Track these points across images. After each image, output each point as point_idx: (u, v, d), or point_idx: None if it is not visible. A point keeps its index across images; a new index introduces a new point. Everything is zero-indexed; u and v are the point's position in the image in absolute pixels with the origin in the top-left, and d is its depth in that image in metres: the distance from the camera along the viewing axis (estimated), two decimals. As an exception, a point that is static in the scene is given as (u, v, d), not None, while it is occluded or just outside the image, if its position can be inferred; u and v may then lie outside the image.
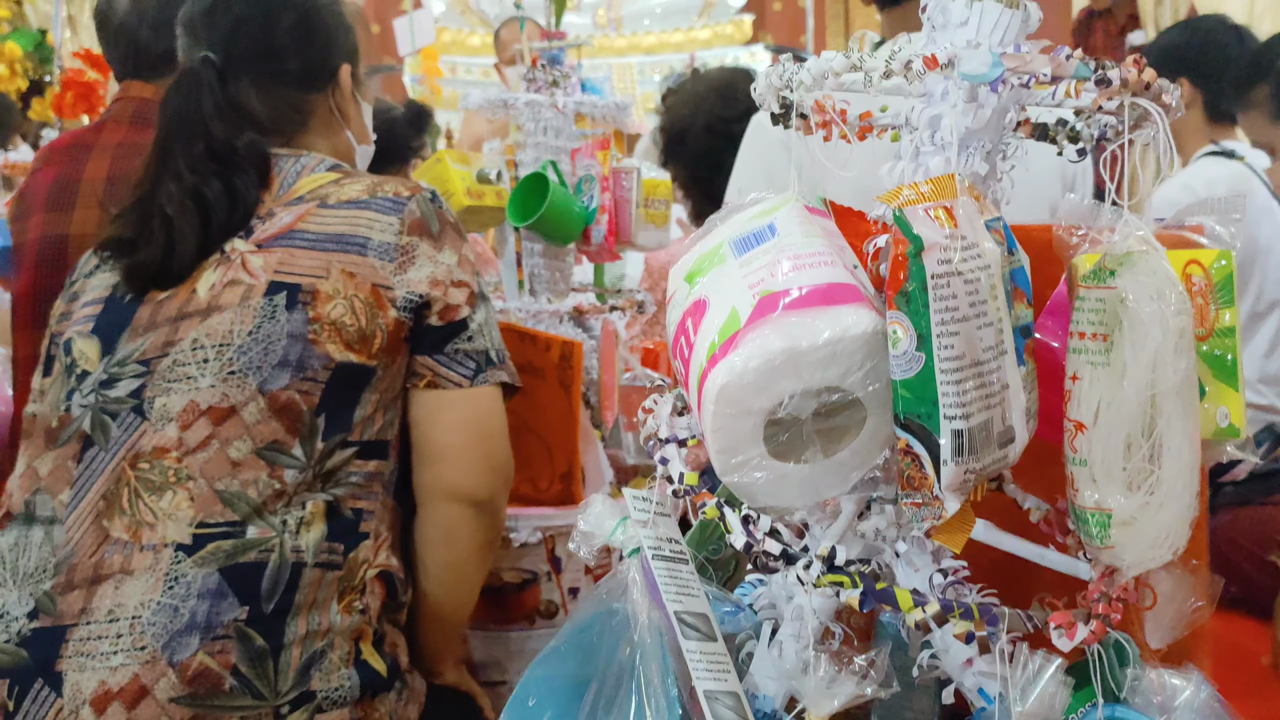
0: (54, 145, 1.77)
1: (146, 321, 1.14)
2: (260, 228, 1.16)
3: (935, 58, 0.55)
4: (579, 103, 1.53)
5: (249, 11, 1.26)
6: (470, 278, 1.20)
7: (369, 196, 1.18)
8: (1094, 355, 0.55)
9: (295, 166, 1.22)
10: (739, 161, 1.61)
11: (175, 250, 1.15)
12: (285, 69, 1.26)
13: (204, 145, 1.18)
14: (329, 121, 1.31)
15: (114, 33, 1.75)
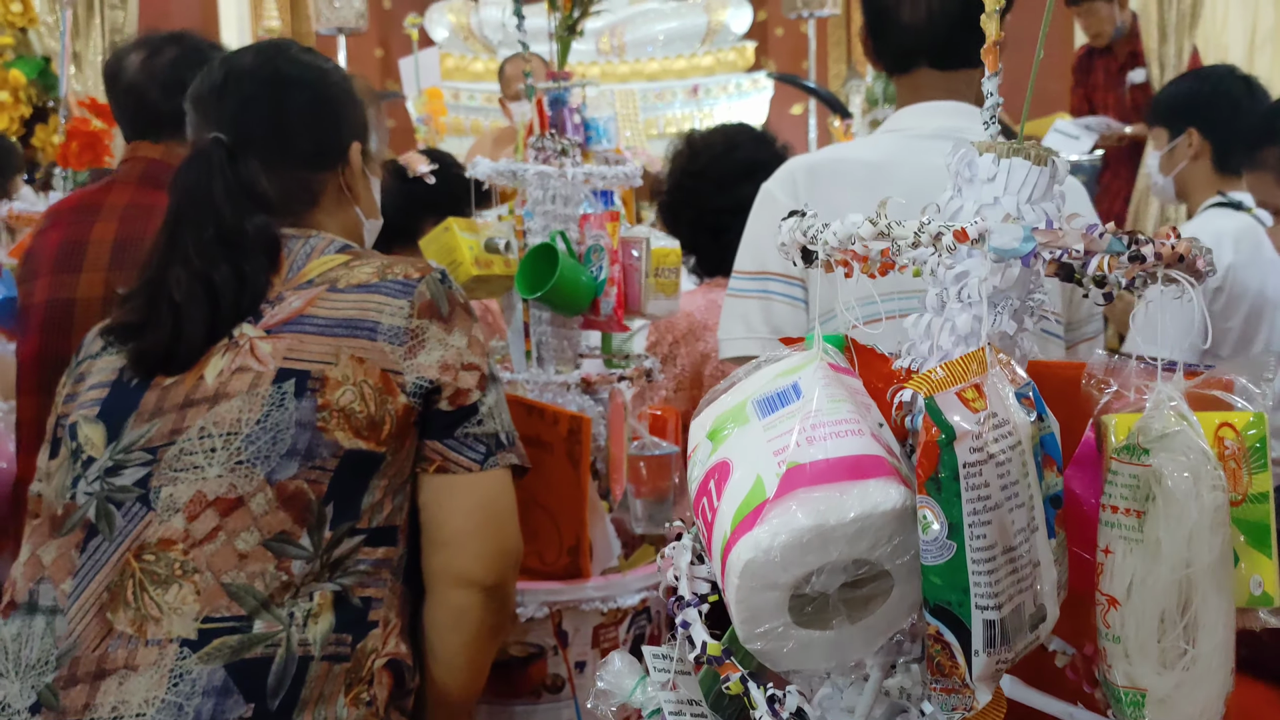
0: (61, 206, 1.77)
1: (153, 407, 1.13)
2: (269, 312, 1.15)
3: (965, 231, 0.54)
4: (588, 173, 1.52)
5: (259, 91, 1.25)
6: (480, 359, 1.19)
7: (379, 280, 1.17)
8: (1127, 530, 0.54)
9: (305, 248, 1.21)
10: (749, 230, 1.60)
11: (183, 336, 1.15)
12: (295, 149, 1.25)
13: (213, 230, 1.17)
14: (339, 199, 1.30)
15: (123, 92, 1.75)
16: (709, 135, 2.30)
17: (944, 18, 1.50)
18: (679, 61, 7.09)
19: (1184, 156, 2.53)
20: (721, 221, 2.21)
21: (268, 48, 1.32)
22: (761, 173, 2.32)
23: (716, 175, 2.20)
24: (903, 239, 0.56)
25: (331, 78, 1.30)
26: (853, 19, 8.31)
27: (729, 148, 2.25)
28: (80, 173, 2.21)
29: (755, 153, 2.27)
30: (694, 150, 2.27)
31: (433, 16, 7.04)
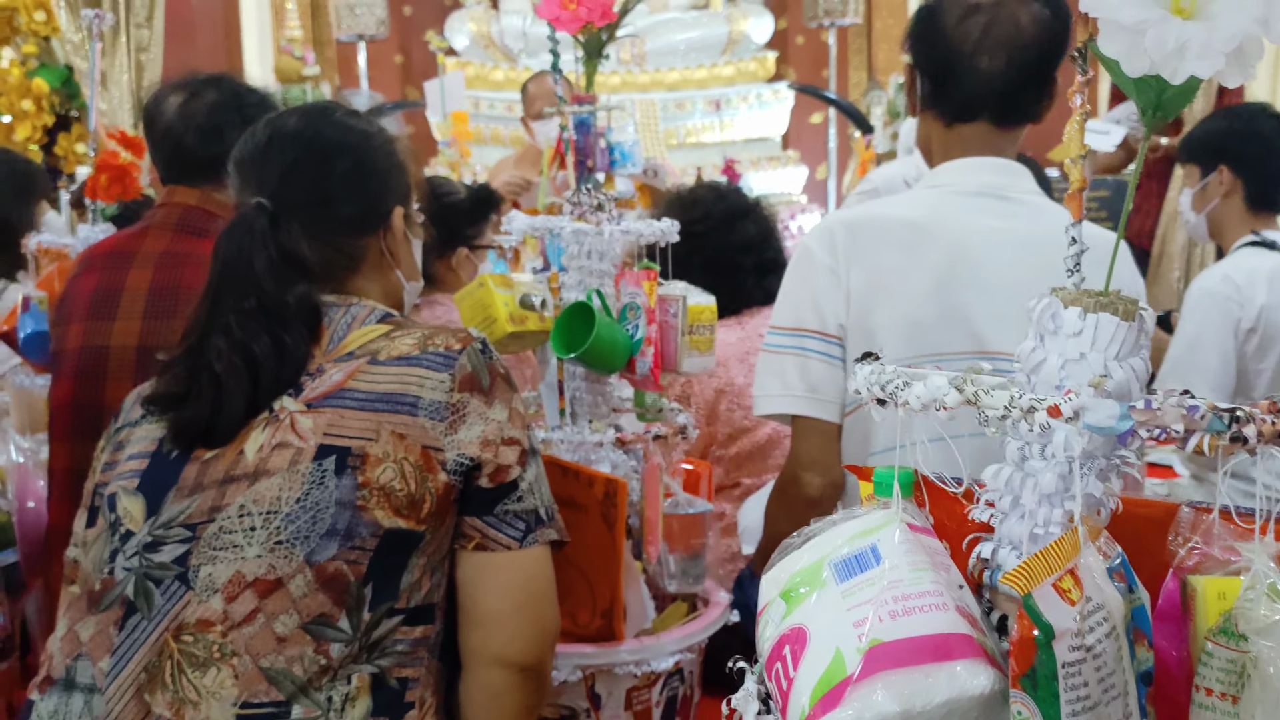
0: (96, 250, 1.76)
1: (193, 482, 1.12)
2: (310, 385, 1.14)
3: (1060, 409, 0.52)
4: (625, 231, 1.51)
5: (303, 155, 1.23)
6: (521, 433, 1.17)
7: (420, 352, 1.15)
8: (1222, 715, 0.53)
9: (345, 318, 1.20)
10: (786, 285, 1.59)
11: (223, 409, 1.13)
12: (339, 215, 1.24)
13: (254, 300, 1.16)
14: (380, 263, 1.28)
15: (160, 137, 1.74)
16: (694, 190, 2.40)
17: (1021, 70, 1.48)
18: (699, 71, 7.07)
19: (1216, 194, 2.51)
20: (732, 260, 2.24)
21: (312, 110, 1.30)
22: (756, 213, 2.37)
23: (717, 218, 2.24)
24: (992, 410, 0.54)
25: (375, 141, 1.28)
26: (874, 28, 8.28)
27: (718, 197, 2.32)
28: (110, 206, 2.21)
29: (740, 200, 2.33)
30: (685, 204, 2.32)
31: (453, 25, 7.04)
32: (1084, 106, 0.61)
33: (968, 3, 1.51)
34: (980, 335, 1.46)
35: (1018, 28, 1.49)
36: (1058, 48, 1.52)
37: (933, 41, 1.53)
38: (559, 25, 1.50)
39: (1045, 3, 1.51)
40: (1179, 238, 4.10)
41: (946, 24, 1.51)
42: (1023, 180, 1.55)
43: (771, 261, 2.26)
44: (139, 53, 3.38)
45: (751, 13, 7.25)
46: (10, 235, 2.48)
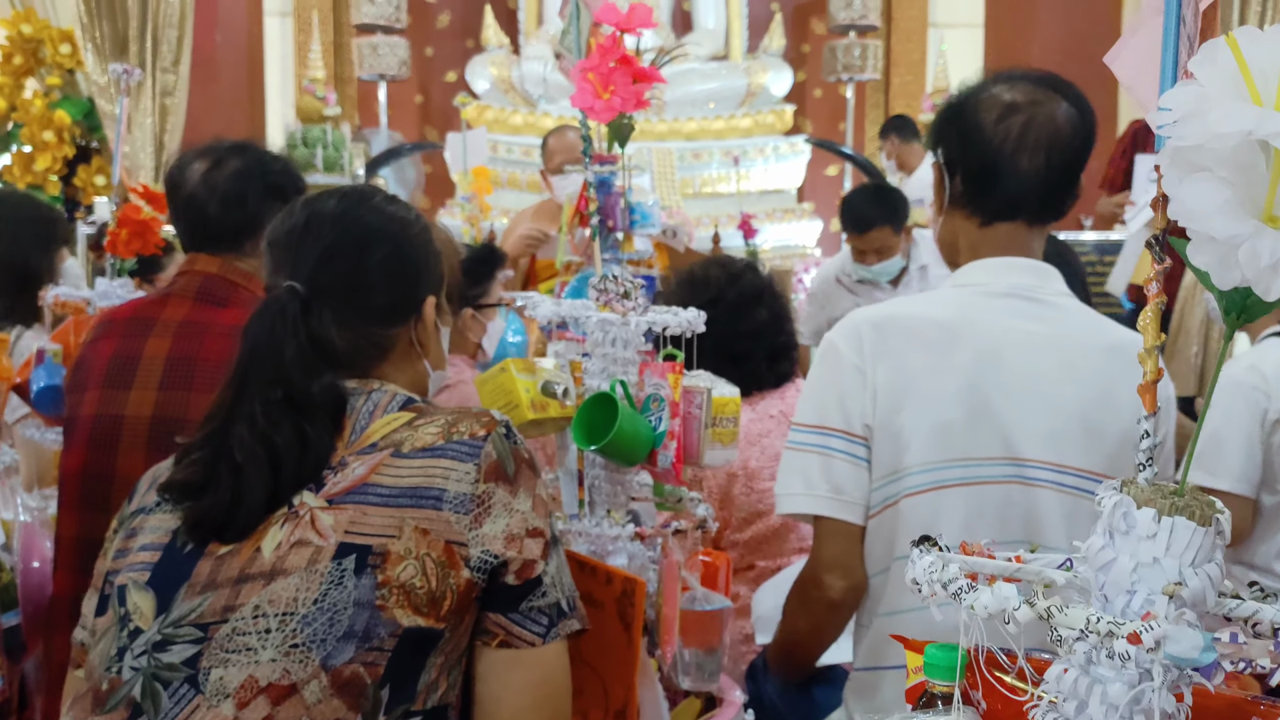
0: (116, 315, 1.75)
1: (206, 579, 1.09)
2: (332, 480, 1.11)
3: (1139, 636, 0.50)
4: (651, 322, 1.49)
5: (340, 240, 1.21)
6: (544, 522, 1.15)
7: (444, 442, 1.12)
8: None
9: (368, 405, 1.17)
10: (811, 382, 1.56)
11: (243, 501, 1.10)
12: (371, 305, 1.22)
13: (280, 391, 1.13)
14: (408, 353, 1.26)
15: (183, 204, 1.73)
16: (707, 268, 2.33)
17: (1059, 169, 1.47)
18: (717, 122, 7.11)
19: None
20: (742, 348, 2.20)
21: (352, 194, 1.28)
22: (768, 296, 2.34)
23: (730, 303, 2.20)
24: (1067, 631, 0.52)
25: (413, 230, 1.26)
26: (891, 84, 8.34)
27: (731, 279, 2.26)
28: (128, 261, 2.20)
29: (756, 279, 2.28)
30: (698, 284, 2.27)
31: (474, 69, 7.10)
32: (1160, 296, 0.59)
33: (1003, 101, 1.50)
34: (1010, 440, 1.43)
35: (1056, 127, 1.48)
36: (1088, 147, 1.52)
37: (968, 140, 1.51)
38: (593, 115, 1.49)
39: (1074, 102, 1.50)
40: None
41: (984, 123, 1.49)
42: (1053, 281, 1.53)
43: (784, 346, 2.25)
44: (164, 97, 3.39)
45: (771, 66, 7.30)
46: (31, 282, 2.48)
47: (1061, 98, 1.50)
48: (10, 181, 5.52)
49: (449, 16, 8.05)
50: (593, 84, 1.46)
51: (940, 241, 1.62)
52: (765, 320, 2.23)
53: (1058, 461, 1.43)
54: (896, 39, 8.21)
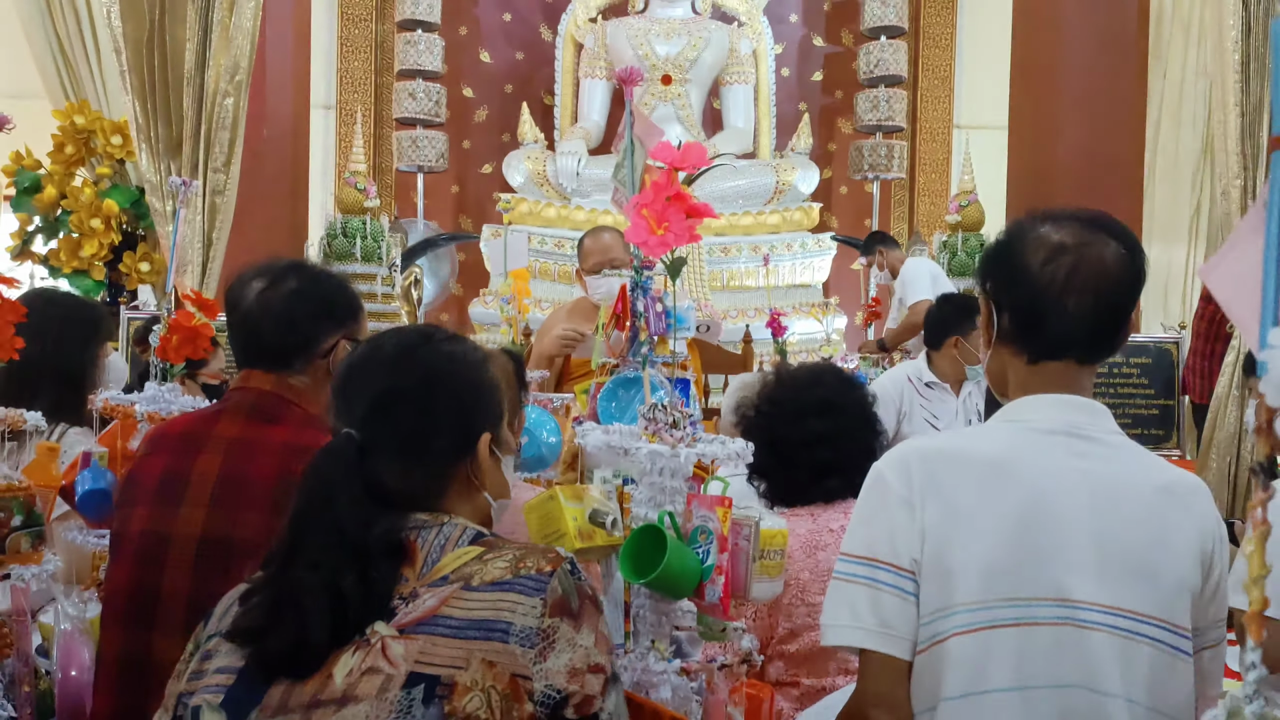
0: (166, 430, 1.77)
1: (277, 704, 1.11)
2: (403, 610, 1.13)
3: None
4: (701, 453, 1.51)
5: (397, 386, 1.24)
6: (605, 658, 1.16)
7: (512, 576, 1.14)
8: None
9: (439, 539, 1.19)
10: (859, 512, 1.56)
11: (307, 643, 1.12)
12: (430, 447, 1.24)
13: (338, 538, 1.16)
14: (467, 486, 1.28)
15: (239, 321, 1.76)
16: (797, 370, 2.33)
17: (1108, 310, 1.48)
18: (745, 218, 7.21)
19: None
20: (790, 453, 2.20)
21: (414, 337, 1.31)
22: (837, 413, 2.33)
23: (792, 408, 2.21)
24: None
25: (470, 369, 1.30)
26: (917, 182, 8.46)
27: (812, 383, 2.27)
28: (177, 366, 2.24)
29: (835, 393, 2.27)
30: (780, 381, 2.30)
31: (511, 163, 7.26)
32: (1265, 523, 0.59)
33: (1051, 242, 1.51)
34: (1061, 583, 1.42)
35: (1104, 268, 1.48)
36: (1138, 287, 1.52)
37: (1015, 280, 1.53)
38: (647, 250, 1.53)
39: (1122, 241, 1.51)
40: (1229, 423, 4.05)
41: (1031, 263, 1.51)
42: (1103, 419, 1.53)
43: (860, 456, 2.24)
44: (214, 195, 3.49)
45: (799, 165, 7.42)
46: (76, 379, 2.51)
47: (1110, 238, 1.51)
48: (57, 265, 5.65)
49: (486, 111, 8.26)
50: (647, 220, 1.49)
51: (989, 373, 1.63)
52: (822, 432, 2.21)
53: (1112, 604, 1.42)
54: (922, 139, 8.35)
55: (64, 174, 5.65)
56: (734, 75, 7.74)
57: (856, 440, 2.20)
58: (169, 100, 3.51)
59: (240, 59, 3.51)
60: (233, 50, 3.47)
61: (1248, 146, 3.87)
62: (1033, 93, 6.12)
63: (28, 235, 5.71)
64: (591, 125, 7.63)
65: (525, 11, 8.29)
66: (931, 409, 3.73)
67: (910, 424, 3.72)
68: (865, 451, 2.23)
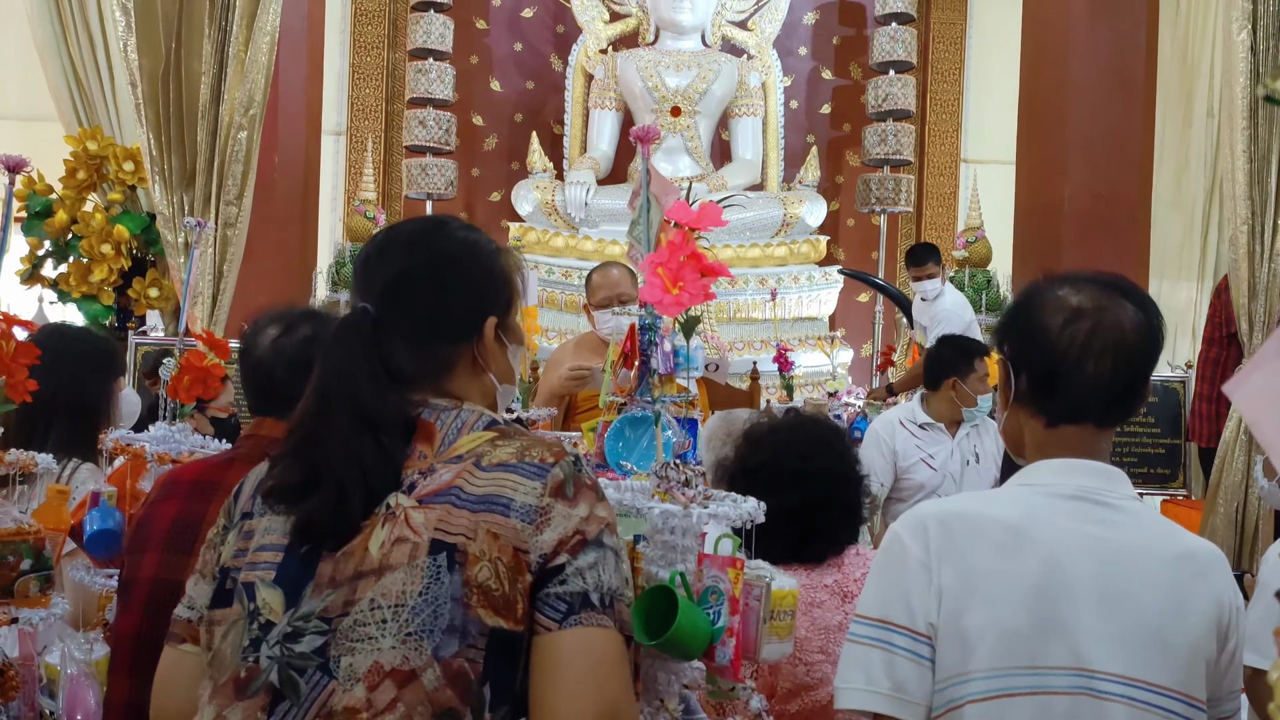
0: (179, 476, 1.78)
1: (328, 579, 1.18)
2: (422, 484, 1.20)
3: None
4: (712, 515, 1.50)
5: (411, 265, 1.30)
6: (592, 527, 1.20)
7: (517, 460, 1.21)
8: None
9: (456, 422, 1.26)
10: (875, 574, 1.55)
11: (345, 510, 1.19)
12: (438, 325, 1.30)
13: (357, 407, 1.22)
14: (472, 368, 1.33)
15: (252, 367, 1.77)
16: (768, 433, 2.25)
17: (1127, 375, 1.48)
18: (753, 250, 7.23)
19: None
20: (770, 523, 2.15)
21: (428, 223, 1.38)
22: (813, 480, 2.25)
23: (765, 477, 2.12)
24: None
25: (479, 255, 1.35)
26: (923, 215, 8.48)
27: (783, 450, 2.19)
28: (187, 406, 2.24)
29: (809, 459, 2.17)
30: (751, 444, 2.24)
31: (520, 193, 7.29)
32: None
33: (1070, 306, 1.52)
34: (1080, 651, 1.42)
35: (1122, 332, 1.49)
36: (1156, 351, 1.53)
37: (1034, 343, 1.53)
38: (662, 310, 1.54)
39: (1140, 305, 1.52)
40: (1237, 465, 4.04)
41: (1050, 326, 1.51)
42: (1120, 485, 1.53)
43: (848, 513, 2.21)
44: (225, 228, 3.50)
45: (807, 198, 7.45)
46: (88, 414, 2.52)
47: (1127, 301, 1.52)
48: (66, 290, 5.66)
49: (496, 140, 8.31)
50: (662, 279, 1.50)
51: (1005, 434, 1.63)
52: (797, 501, 2.15)
53: (1129, 675, 1.41)
54: (929, 173, 8.39)
55: (75, 199, 5.67)
56: (743, 108, 7.78)
57: (836, 504, 2.17)
58: (183, 133, 3.53)
59: (255, 93, 3.54)
60: (247, 84, 3.49)
61: (1256, 193, 3.88)
62: (1040, 129, 6.15)
63: (38, 259, 5.72)
64: (600, 155, 7.67)
65: (536, 42, 8.35)
66: (927, 450, 3.73)
67: (907, 465, 3.72)
68: (847, 511, 2.21)
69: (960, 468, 3.71)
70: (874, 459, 3.72)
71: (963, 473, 3.71)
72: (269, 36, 3.53)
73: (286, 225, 5.70)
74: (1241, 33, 3.80)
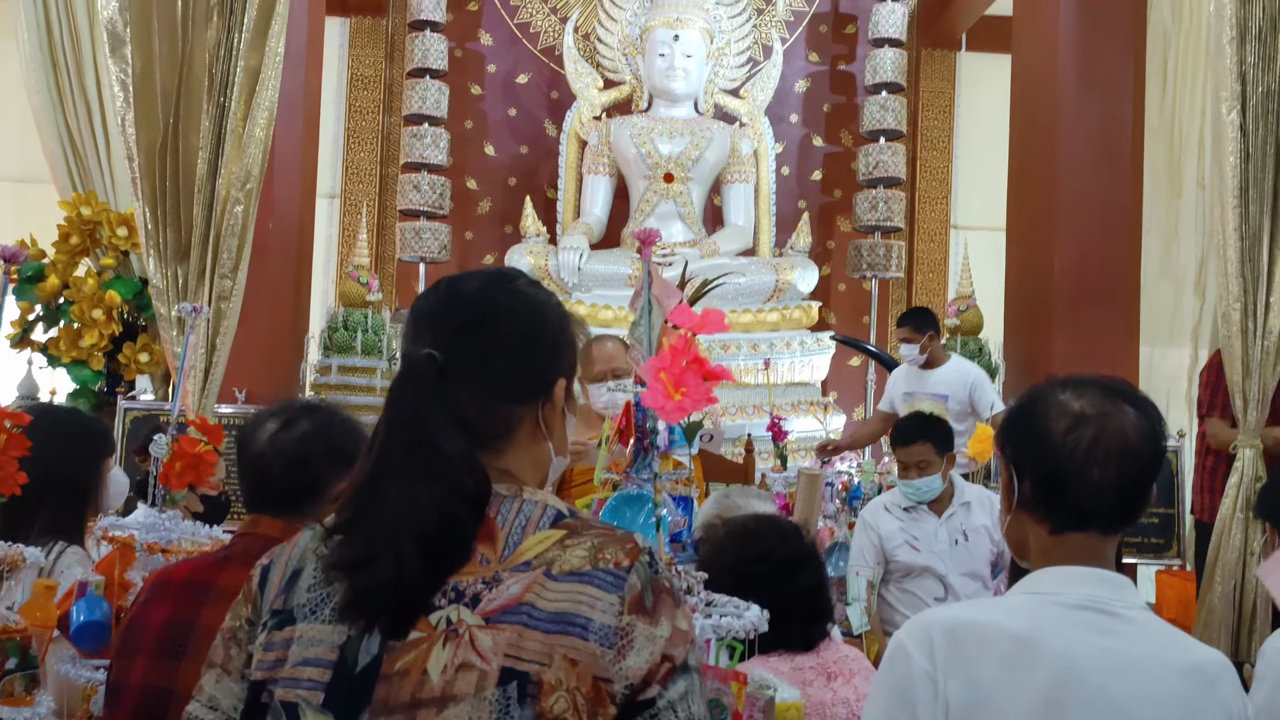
0: (170, 576, 1.74)
1: (379, 705, 1.07)
2: (487, 597, 1.09)
3: None
4: (715, 626, 1.48)
5: (477, 316, 1.22)
6: (679, 649, 1.11)
7: (590, 568, 1.11)
8: None
9: (519, 520, 1.15)
10: (879, 686, 1.53)
11: (403, 578, 1.09)
12: (504, 380, 1.22)
13: (423, 453, 1.13)
14: (534, 433, 1.24)
15: (250, 462, 1.75)
16: (759, 525, 2.29)
17: (1131, 481, 1.47)
18: (745, 315, 7.24)
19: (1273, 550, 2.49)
20: (782, 608, 2.15)
21: (494, 275, 1.29)
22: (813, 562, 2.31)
23: (778, 560, 2.18)
24: None
25: (550, 314, 1.28)
26: (914, 280, 8.53)
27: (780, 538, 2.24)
28: (179, 493, 2.21)
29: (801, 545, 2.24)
30: (750, 538, 2.26)
31: (513, 257, 7.31)
32: None
33: (1072, 411, 1.51)
34: None
35: (1126, 439, 1.48)
36: (1160, 456, 1.52)
37: (1036, 448, 1.52)
38: (664, 416, 1.52)
39: (1143, 411, 1.51)
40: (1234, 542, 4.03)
41: (1053, 431, 1.50)
42: (1127, 594, 1.51)
43: (821, 611, 2.24)
44: (219, 300, 3.49)
45: (798, 264, 7.49)
46: (77, 495, 2.49)
47: (1129, 406, 1.52)
48: (56, 355, 5.62)
49: (489, 203, 8.36)
50: (664, 384, 1.49)
51: (1009, 539, 1.62)
52: (809, 584, 2.22)
53: (1138, 787, 1.38)
54: (920, 239, 8.46)
55: (68, 263, 5.66)
56: (735, 174, 7.84)
57: (798, 608, 2.18)
58: (179, 207, 3.54)
59: (252, 167, 3.55)
60: (245, 159, 3.51)
61: (1248, 270, 3.91)
62: (1030, 198, 6.22)
63: (28, 323, 5.70)
64: (594, 220, 7.71)
65: (531, 107, 8.44)
66: (911, 532, 3.81)
67: (892, 548, 3.78)
68: (810, 613, 2.22)
69: (949, 547, 3.75)
70: (862, 543, 3.82)
71: (951, 551, 3.75)
72: (267, 112, 3.56)
73: (279, 290, 5.69)
74: (1231, 113, 3.86)
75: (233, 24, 3.51)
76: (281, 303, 5.76)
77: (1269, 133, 3.89)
